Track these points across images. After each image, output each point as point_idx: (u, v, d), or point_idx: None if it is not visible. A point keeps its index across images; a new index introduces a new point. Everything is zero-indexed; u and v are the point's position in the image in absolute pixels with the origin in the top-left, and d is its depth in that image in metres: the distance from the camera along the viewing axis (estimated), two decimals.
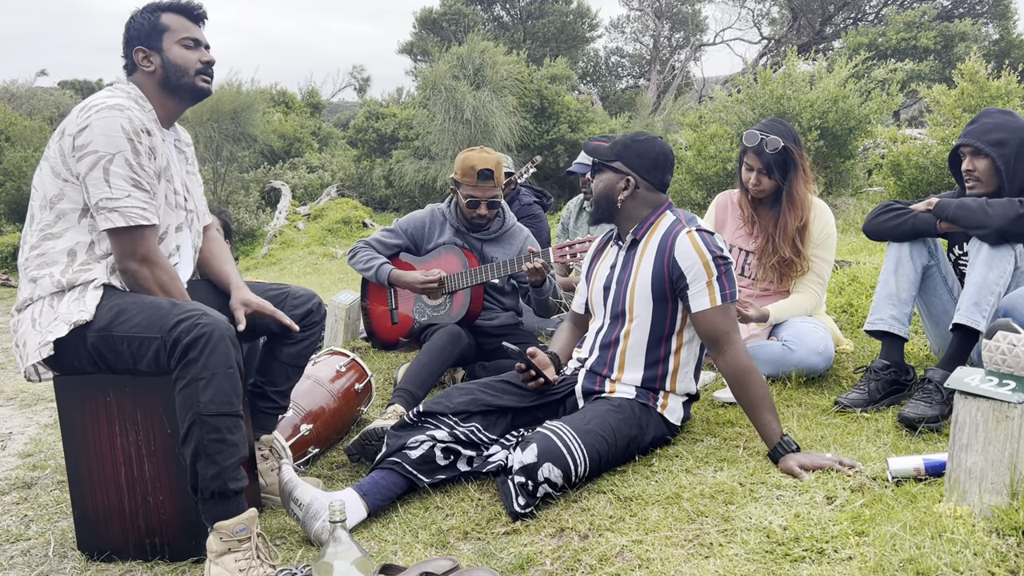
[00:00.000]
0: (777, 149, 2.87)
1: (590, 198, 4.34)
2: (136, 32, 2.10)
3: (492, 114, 13.47)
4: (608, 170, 2.40)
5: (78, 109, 1.96)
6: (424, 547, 1.94)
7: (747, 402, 2.25)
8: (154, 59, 2.09)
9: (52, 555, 2.06)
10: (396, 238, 3.50)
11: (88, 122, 1.91)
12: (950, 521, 1.67)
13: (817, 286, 2.98)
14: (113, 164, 1.90)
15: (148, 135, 1.98)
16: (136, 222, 1.92)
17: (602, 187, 2.41)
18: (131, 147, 1.92)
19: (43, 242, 1.97)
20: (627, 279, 2.38)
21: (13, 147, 16.99)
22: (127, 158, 1.91)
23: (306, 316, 2.29)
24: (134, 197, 1.92)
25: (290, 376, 2.34)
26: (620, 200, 2.37)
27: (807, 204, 2.95)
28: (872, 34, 16.62)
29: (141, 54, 2.09)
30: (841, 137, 8.12)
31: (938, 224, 2.60)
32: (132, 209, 1.91)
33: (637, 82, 25.82)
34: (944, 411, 2.39)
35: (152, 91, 2.10)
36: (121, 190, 1.91)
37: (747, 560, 1.69)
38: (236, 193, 15.11)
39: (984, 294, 2.40)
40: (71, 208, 1.96)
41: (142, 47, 2.09)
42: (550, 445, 2.04)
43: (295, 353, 2.30)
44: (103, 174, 1.89)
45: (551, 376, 2.42)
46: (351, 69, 40.31)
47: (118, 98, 1.98)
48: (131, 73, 2.12)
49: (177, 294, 1.99)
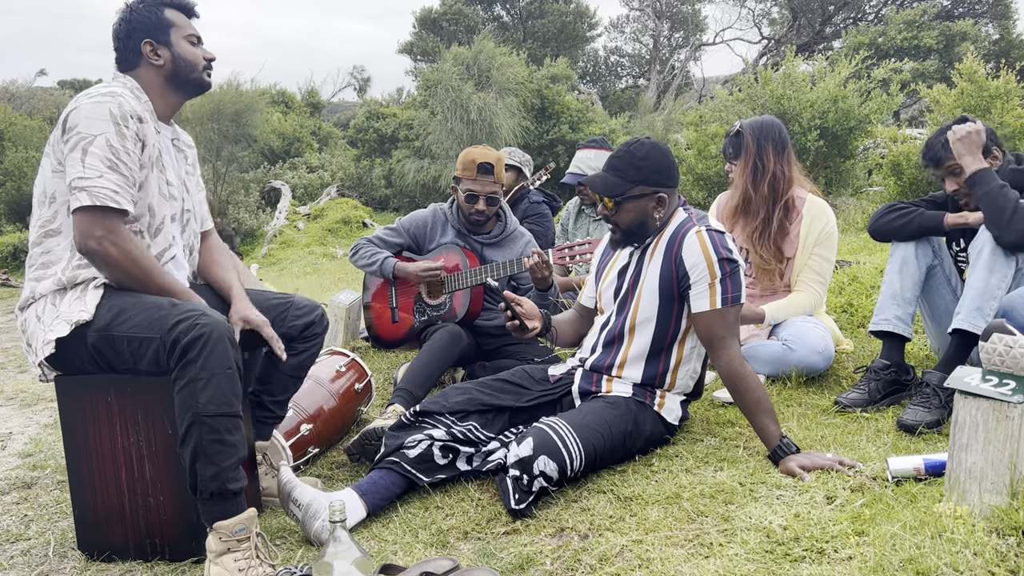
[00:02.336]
0: (731, 133, 2.98)
1: (587, 203, 4.36)
2: (142, 25, 2.08)
3: (496, 115, 13.49)
4: (632, 200, 2.31)
5: (72, 101, 1.97)
6: (424, 547, 1.94)
7: (743, 406, 2.25)
8: (163, 53, 2.08)
9: (52, 555, 2.06)
10: (398, 237, 3.50)
11: (77, 105, 1.91)
12: (950, 521, 1.67)
13: (817, 285, 2.97)
14: (93, 145, 1.88)
15: (139, 122, 1.96)
16: (103, 202, 1.86)
17: (634, 216, 2.31)
18: (116, 130, 1.90)
19: (44, 239, 1.97)
20: (637, 278, 2.37)
21: (13, 147, 16.99)
22: (108, 139, 1.89)
23: (308, 327, 2.28)
24: (106, 178, 1.88)
25: (288, 387, 2.33)
26: (656, 218, 2.33)
27: (743, 188, 2.97)
28: (872, 34, 16.62)
29: (149, 47, 2.08)
30: (841, 137, 8.12)
31: (944, 221, 2.60)
32: (102, 189, 1.87)
33: (637, 82, 25.82)
34: (943, 415, 2.39)
35: (155, 84, 2.10)
36: (94, 170, 1.87)
37: (747, 560, 1.69)
38: (236, 193, 15.12)
39: (987, 299, 2.39)
40: (64, 202, 1.95)
41: (151, 40, 2.08)
42: (546, 439, 2.05)
43: (296, 364, 2.29)
44: (81, 154, 1.87)
45: (532, 326, 2.41)
46: (351, 69, 40.34)
47: (112, 87, 1.98)
48: (131, 67, 2.10)
49: (148, 265, 1.94)
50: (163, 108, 2.13)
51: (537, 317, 2.45)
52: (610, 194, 2.30)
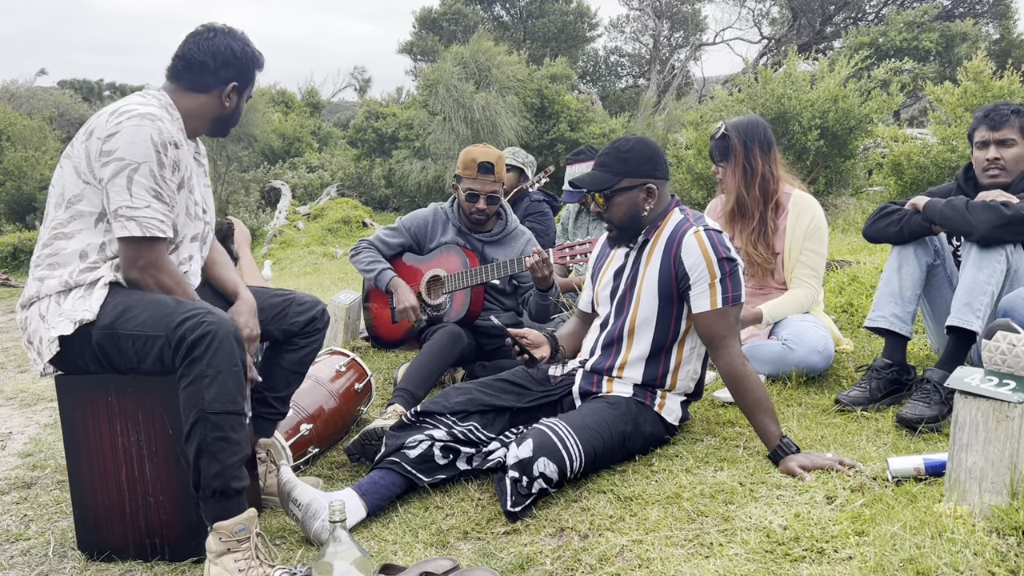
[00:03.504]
0: (716, 136, 2.97)
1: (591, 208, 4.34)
2: (243, 68, 2.10)
3: (498, 114, 13.49)
4: (621, 193, 2.32)
5: (108, 112, 1.95)
6: (424, 547, 1.94)
7: (743, 406, 2.25)
8: (233, 99, 2.12)
9: (52, 555, 2.06)
10: (399, 236, 3.51)
11: (119, 128, 1.90)
12: (950, 521, 1.67)
13: (811, 279, 2.98)
14: (138, 173, 1.89)
15: (176, 147, 1.97)
16: (152, 233, 1.91)
17: (624, 209, 2.32)
18: (157, 159, 1.91)
19: (55, 241, 1.97)
20: (635, 279, 2.37)
21: (13, 147, 16.98)
22: (152, 169, 1.91)
23: (309, 323, 2.29)
24: (153, 208, 1.92)
25: (291, 383, 2.34)
26: (647, 210, 2.34)
27: (736, 192, 2.97)
28: (873, 34, 16.62)
29: (232, 87, 2.10)
30: (841, 137, 8.11)
31: (932, 224, 2.60)
32: (150, 220, 1.91)
33: (637, 82, 25.82)
34: (943, 411, 2.39)
35: (204, 114, 2.11)
36: (141, 200, 1.90)
37: (747, 560, 1.69)
38: (236, 193, 15.11)
39: (976, 294, 2.40)
40: (89, 211, 1.95)
41: (238, 85, 2.11)
42: (546, 440, 2.05)
43: (296, 360, 2.30)
44: (126, 182, 1.89)
45: (540, 355, 2.41)
46: (351, 69, 40.33)
47: (150, 106, 1.97)
48: (196, 88, 2.07)
49: (181, 295, 1.97)
50: (192, 131, 2.14)
51: (543, 343, 2.46)
52: (599, 188, 2.31)
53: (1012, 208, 2.39)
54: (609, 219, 2.36)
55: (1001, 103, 2.75)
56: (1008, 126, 2.65)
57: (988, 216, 2.40)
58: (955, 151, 6.62)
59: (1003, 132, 2.66)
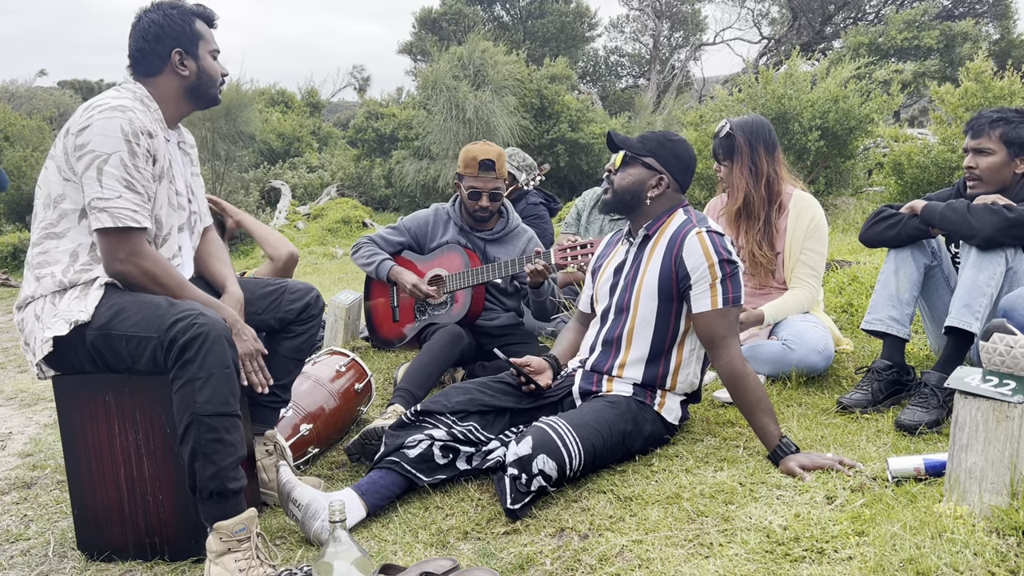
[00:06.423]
0: (720, 134, 2.96)
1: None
2: (175, 33, 2.08)
3: (493, 114, 13.47)
4: (639, 164, 2.37)
5: (82, 108, 1.96)
6: (424, 547, 1.94)
7: (743, 406, 2.25)
8: (190, 64, 2.10)
9: (52, 555, 2.06)
10: (400, 236, 3.51)
11: (90, 121, 1.91)
12: (950, 521, 1.67)
13: (812, 279, 2.98)
14: (108, 164, 1.90)
15: (150, 137, 1.97)
16: (124, 223, 1.91)
17: (631, 181, 2.37)
18: (128, 148, 1.92)
19: (45, 240, 1.98)
20: (635, 276, 2.38)
21: (13, 147, 16.97)
22: (123, 159, 1.91)
23: (304, 310, 2.30)
24: (125, 198, 1.91)
25: (291, 370, 2.35)
26: (649, 197, 2.36)
27: (745, 192, 2.96)
28: (872, 34, 16.62)
29: (179, 56, 2.08)
30: (841, 137, 8.12)
31: (931, 227, 2.59)
32: (121, 210, 1.91)
33: (637, 82, 25.82)
34: (941, 415, 2.39)
35: (173, 94, 2.10)
36: (112, 190, 1.90)
37: (747, 560, 1.68)
38: (236, 193, 15.09)
39: (975, 295, 2.39)
40: (72, 208, 1.96)
41: (180, 50, 2.08)
42: (545, 438, 2.05)
43: (294, 347, 2.31)
44: (97, 173, 1.89)
45: (544, 383, 2.42)
46: (351, 69, 40.33)
47: (123, 99, 1.98)
48: (152, 72, 2.08)
49: (173, 284, 1.97)
50: (173, 115, 2.13)
51: (546, 370, 2.47)
52: (627, 146, 2.40)
53: (1015, 211, 2.38)
54: (612, 181, 2.43)
55: (986, 110, 2.69)
56: (985, 135, 2.58)
57: (991, 219, 2.39)
58: (955, 151, 6.62)
59: (980, 141, 2.60)
